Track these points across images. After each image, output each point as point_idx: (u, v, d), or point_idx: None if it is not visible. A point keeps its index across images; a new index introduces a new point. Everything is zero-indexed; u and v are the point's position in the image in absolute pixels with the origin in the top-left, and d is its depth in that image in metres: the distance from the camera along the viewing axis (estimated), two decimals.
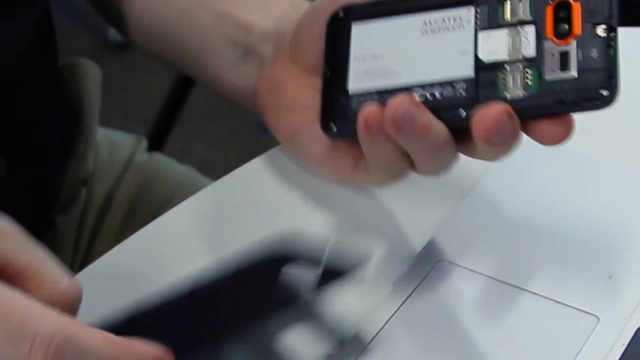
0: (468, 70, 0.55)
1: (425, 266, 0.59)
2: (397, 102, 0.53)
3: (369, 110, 0.54)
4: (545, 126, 0.53)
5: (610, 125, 0.63)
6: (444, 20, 0.56)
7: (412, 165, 0.56)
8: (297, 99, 0.62)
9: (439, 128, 0.54)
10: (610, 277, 0.57)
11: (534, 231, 0.60)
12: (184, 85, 1.67)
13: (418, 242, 0.60)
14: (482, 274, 0.58)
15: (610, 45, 0.53)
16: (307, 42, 0.61)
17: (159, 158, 0.90)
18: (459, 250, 0.60)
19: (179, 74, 1.64)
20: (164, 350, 0.44)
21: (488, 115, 0.52)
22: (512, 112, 0.52)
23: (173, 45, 0.72)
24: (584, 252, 0.59)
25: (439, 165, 0.55)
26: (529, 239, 0.60)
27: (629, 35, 0.58)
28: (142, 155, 0.88)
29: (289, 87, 0.63)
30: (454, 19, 0.56)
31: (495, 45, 0.55)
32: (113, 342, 0.43)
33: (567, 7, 0.54)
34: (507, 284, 0.58)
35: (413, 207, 0.62)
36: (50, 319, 0.43)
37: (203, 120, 1.94)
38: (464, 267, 0.59)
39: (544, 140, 0.53)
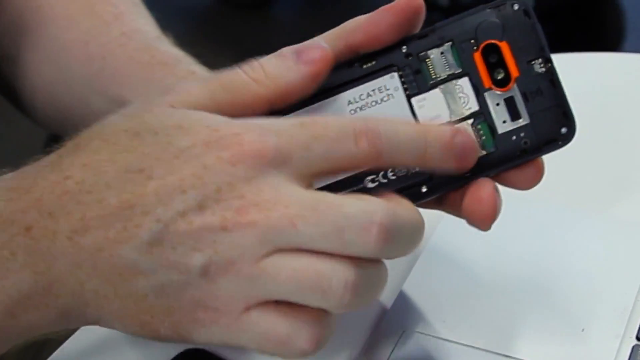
0: None
1: (390, 339, 0.56)
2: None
3: None
4: (516, 174, 0.51)
5: (565, 168, 0.61)
6: (369, 94, 0.51)
7: None
8: None
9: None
10: (583, 330, 0.55)
11: (496, 288, 0.58)
12: None
13: (378, 314, 0.57)
14: (451, 341, 0.56)
15: (552, 79, 0.51)
16: None
17: None
18: (422, 318, 0.57)
19: None
20: None
21: (483, 200, 0.50)
22: (496, 184, 0.50)
23: (73, 129, 0.68)
24: (551, 306, 0.57)
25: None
26: (492, 297, 0.58)
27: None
28: None
29: None
30: (380, 90, 0.51)
31: (434, 108, 0.51)
32: None
33: (496, 50, 0.51)
34: (479, 349, 0.55)
35: None
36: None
37: None
38: (431, 335, 0.56)
39: (518, 187, 0.52)
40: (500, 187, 0.51)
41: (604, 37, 2.18)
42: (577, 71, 0.75)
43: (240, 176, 0.45)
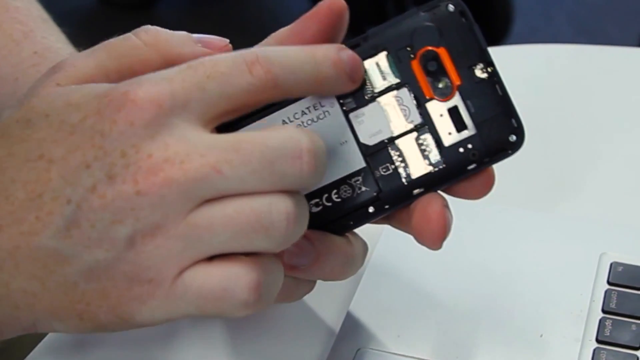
0: (357, 161, 0.49)
1: (344, 358, 0.54)
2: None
3: None
4: (466, 186, 0.49)
5: (506, 170, 0.60)
6: (304, 112, 0.48)
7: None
8: None
9: (335, 249, 0.49)
10: (542, 335, 0.54)
11: (448, 298, 0.56)
12: None
13: (330, 333, 0.55)
14: (407, 356, 0.54)
15: (496, 84, 0.49)
16: None
17: None
18: (375, 334, 0.55)
19: None
20: None
21: (432, 219, 0.48)
22: (445, 199, 0.48)
23: None
24: (507, 312, 0.55)
25: (346, 274, 0.51)
26: (446, 308, 0.56)
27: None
28: None
29: None
30: (315, 107, 0.48)
31: (374, 124, 0.49)
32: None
33: (434, 57, 0.49)
34: None
35: (314, 295, 0.57)
36: None
37: None
38: (387, 352, 0.54)
39: (469, 198, 0.50)
40: None
41: (493, 23, 2.20)
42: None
43: (142, 134, 0.43)
